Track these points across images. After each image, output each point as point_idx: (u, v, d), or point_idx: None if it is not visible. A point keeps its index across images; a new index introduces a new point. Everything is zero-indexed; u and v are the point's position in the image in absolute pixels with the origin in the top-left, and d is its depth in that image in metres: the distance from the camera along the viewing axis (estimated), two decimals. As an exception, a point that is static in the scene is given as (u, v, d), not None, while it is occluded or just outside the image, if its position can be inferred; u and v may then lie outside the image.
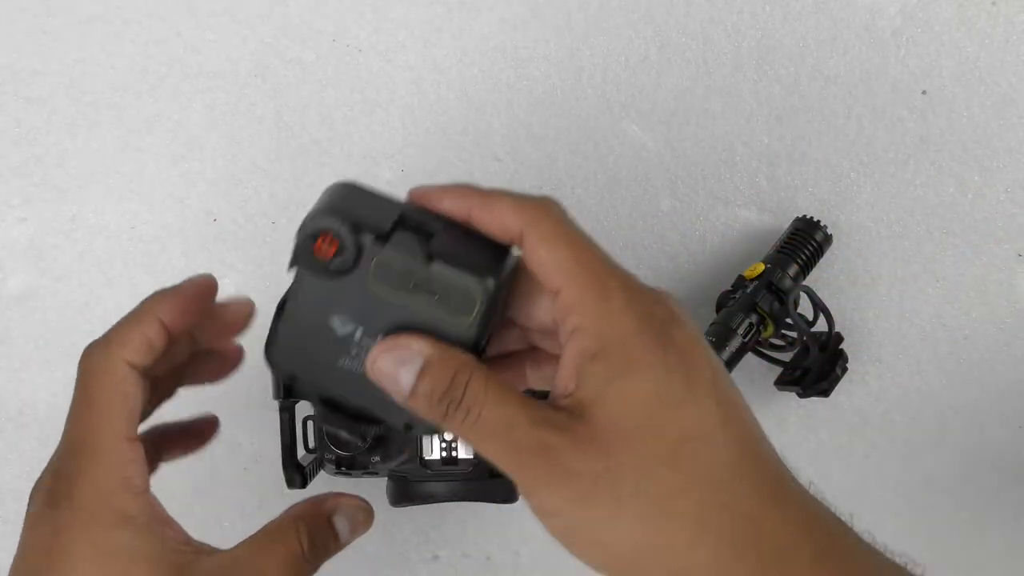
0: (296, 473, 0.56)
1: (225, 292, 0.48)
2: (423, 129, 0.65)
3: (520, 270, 0.38)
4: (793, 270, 0.60)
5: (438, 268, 0.37)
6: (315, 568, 0.41)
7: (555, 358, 0.38)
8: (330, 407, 0.40)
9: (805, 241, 0.61)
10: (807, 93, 0.65)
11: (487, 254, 0.37)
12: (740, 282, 0.60)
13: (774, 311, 0.57)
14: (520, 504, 0.64)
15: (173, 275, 0.64)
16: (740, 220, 0.64)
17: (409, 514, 0.63)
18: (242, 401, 0.60)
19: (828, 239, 0.62)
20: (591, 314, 0.36)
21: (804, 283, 0.61)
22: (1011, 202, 0.64)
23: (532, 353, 0.41)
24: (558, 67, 0.66)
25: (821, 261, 0.62)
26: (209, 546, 0.41)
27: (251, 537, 0.41)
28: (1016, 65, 0.65)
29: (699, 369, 0.36)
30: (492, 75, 0.66)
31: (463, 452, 0.50)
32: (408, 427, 0.39)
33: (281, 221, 0.65)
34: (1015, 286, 0.64)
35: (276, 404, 0.54)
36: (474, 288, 0.37)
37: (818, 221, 0.61)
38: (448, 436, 0.48)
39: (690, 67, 0.65)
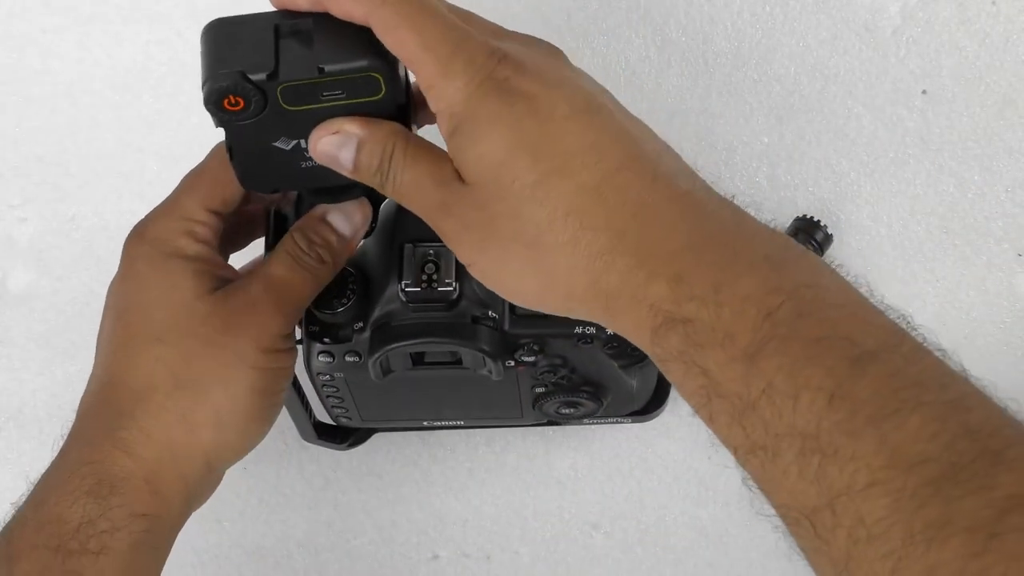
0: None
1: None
2: (422, 130, 0.65)
3: None
4: None
5: (332, 70, 0.39)
6: (323, 263, 0.47)
7: None
8: (317, 194, 0.46)
9: (805, 241, 0.61)
10: (807, 93, 0.65)
11: (360, 34, 0.39)
12: None
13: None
14: (520, 504, 0.64)
15: (173, 275, 0.64)
16: (740, 220, 0.64)
17: (409, 514, 0.63)
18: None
19: (828, 239, 0.62)
20: (442, 97, 0.38)
21: None
22: (1011, 202, 0.64)
23: None
24: (558, 67, 0.66)
25: (821, 261, 0.62)
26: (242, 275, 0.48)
27: (267, 256, 0.48)
28: (1016, 65, 0.65)
29: (551, 105, 0.38)
30: (492, 75, 0.66)
31: (441, 284, 0.49)
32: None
33: (281, 221, 0.65)
34: (1015, 286, 0.64)
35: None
36: (369, 71, 0.39)
37: (818, 221, 0.61)
38: (428, 270, 0.50)
39: (690, 67, 0.65)
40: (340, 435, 0.61)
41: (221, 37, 0.40)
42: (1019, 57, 0.65)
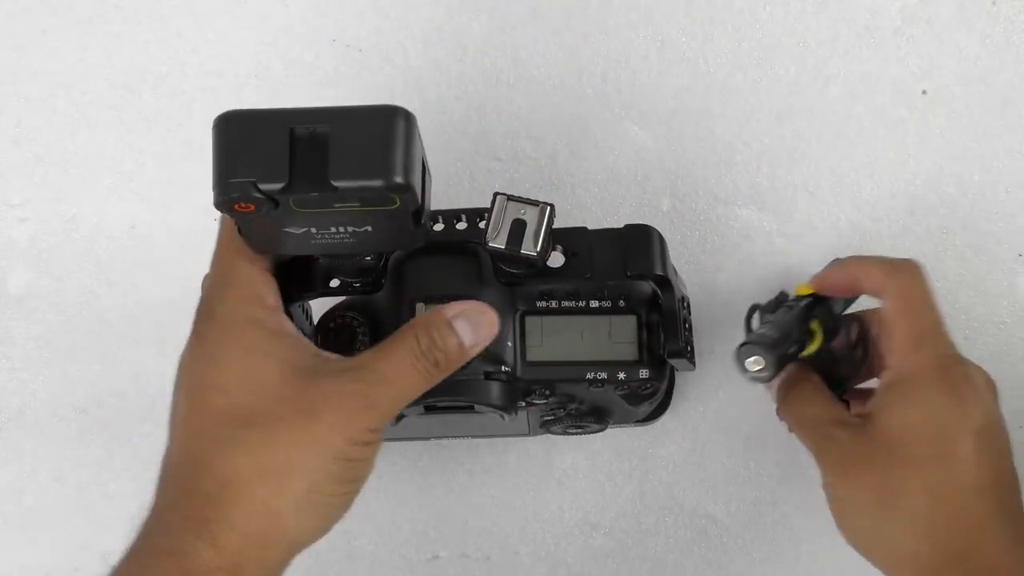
0: None
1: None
2: (423, 129, 0.65)
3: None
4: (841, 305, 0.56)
5: (344, 186, 0.38)
6: (439, 368, 0.45)
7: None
8: (330, 257, 0.47)
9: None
10: (807, 93, 0.65)
11: (377, 144, 0.38)
12: (784, 298, 0.56)
13: (825, 330, 0.53)
14: (520, 504, 0.64)
15: (173, 275, 0.64)
16: (740, 220, 0.64)
17: (409, 514, 0.63)
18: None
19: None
20: (905, 359, 0.48)
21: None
22: (1011, 202, 0.64)
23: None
24: (558, 67, 0.66)
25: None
26: (337, 355, 0.46)
27: (375, 346, 0.46)
28: (1016, 65, 0.65)
29: (973, 416, 0.46)
30: (492, 75, 0.66)
31: None
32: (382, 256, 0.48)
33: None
34: (1015, 286, 0.64)
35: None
36: (383, 187, 0.38)
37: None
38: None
39: (690, 67, 0.65)
40: None
41: (234, 136, 0.39)
42: (1019, 57, 0.65)
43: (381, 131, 0.38)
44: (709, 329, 0.63)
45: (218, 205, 0.39)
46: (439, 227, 0.51)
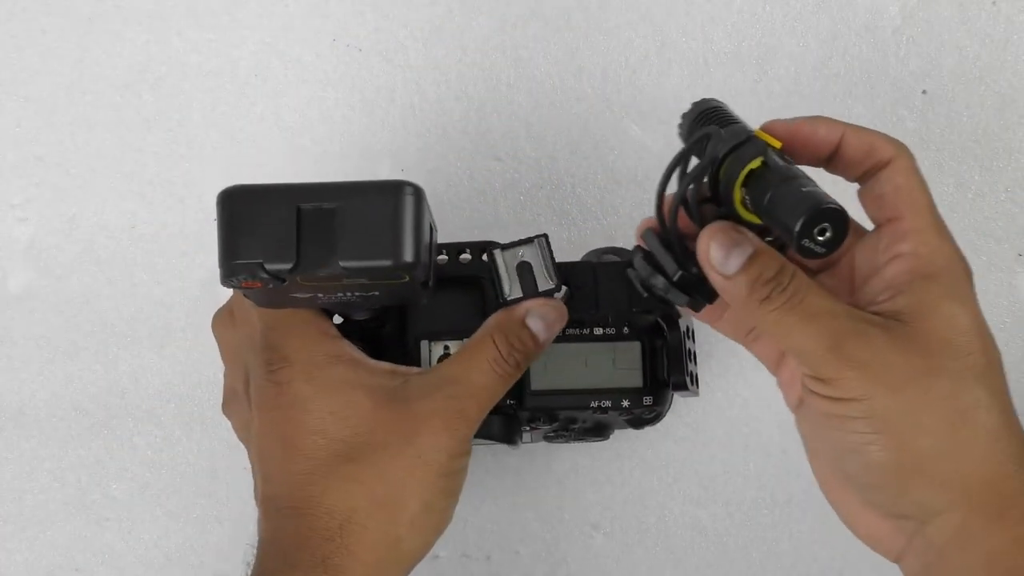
0: None
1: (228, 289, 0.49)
2: (423, 129, 0.65)
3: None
4: None
5: (353, 266, 0.38)
6: (519, 369, 0.46)
7: None
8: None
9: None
10: (807, 93, 0.65)
11: (385, 222, 0.38)
12: (712, 119, 0.47)
13: None
14: (520, 503, 0.64)
15: (173, 275, 0.65)
16: (740, 220, 0.64)
17: (409, 514, 0.63)
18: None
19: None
20: (930, 244, 0.41)
21: None
22: (1011, 202, 0.64)
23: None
24: (558, 67, 0.66)
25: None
26: (415, 369, 0.47)
27: (454, 355, 0.47)
28: (1016, 65, 0.65)
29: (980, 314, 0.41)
30: (492, 75, 0.66)
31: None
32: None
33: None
34: (1015, 286, 0.64)
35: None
36: (392, 267, 0.38)
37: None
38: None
39: (690, 67, 0.65)
40: None
41: (240, 214, 0.38)
42: (1019, 57, 0.65)
43: (389, 209, 0.38)
44: (708, 331, 0.63)
45: (224, 283, 0.39)
46: (443, 258, 0.51)
